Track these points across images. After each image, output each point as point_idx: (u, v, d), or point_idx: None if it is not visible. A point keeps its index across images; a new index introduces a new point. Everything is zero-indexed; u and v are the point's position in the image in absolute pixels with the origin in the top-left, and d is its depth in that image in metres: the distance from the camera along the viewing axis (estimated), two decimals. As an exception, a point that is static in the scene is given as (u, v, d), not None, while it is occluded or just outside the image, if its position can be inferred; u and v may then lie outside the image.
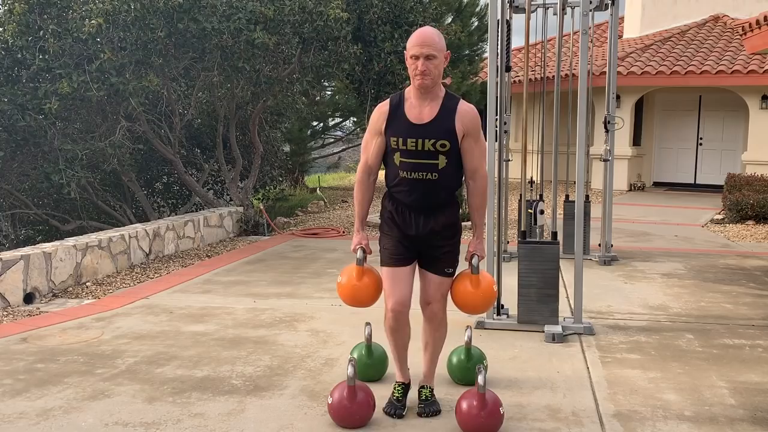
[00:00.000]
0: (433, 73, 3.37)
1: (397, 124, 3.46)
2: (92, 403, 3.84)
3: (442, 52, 3.41)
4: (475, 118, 3.46)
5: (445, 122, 3.41)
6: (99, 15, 7.94)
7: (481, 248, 3.68)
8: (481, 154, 3.52)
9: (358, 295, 3.76)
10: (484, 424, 3.40)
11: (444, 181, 3.47)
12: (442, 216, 3.55)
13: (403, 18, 10.92)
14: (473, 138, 3.47)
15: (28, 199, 10.12)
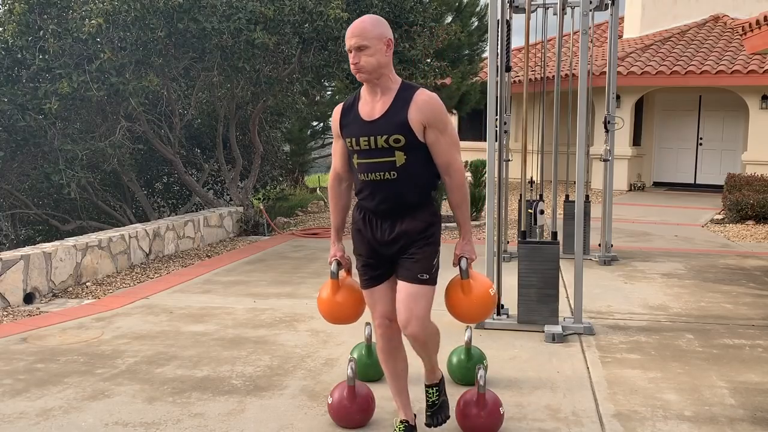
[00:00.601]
0: (368, 65, 3.07)
1: (351, 123, 3.18)
2: (92, 403, 3.84)
3: (377, 40, 3.06)
4: (435, 108, 3.08)
5: (398, 115, 3.07)
6: (99, 15, 7.94)
7: (468, 249, 3.32)
8: (451, 146, 3.14)
9: (334, 311, 3.41)
10: (484, 424, 3.40)
11: (406, 180, 3.12)
12: (411, 219, 3.19)
13: (403, 18, 10.91)
14: (437, 129, 3.10)
15: (28, 199, 10.12)
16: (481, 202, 10.89)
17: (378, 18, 3.14)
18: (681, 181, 17.23)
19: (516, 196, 9.92)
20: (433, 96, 3.11)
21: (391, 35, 3.14)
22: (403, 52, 10.90)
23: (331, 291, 3.40)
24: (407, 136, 3.08)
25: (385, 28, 3.13)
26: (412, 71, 11.25)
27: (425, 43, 11.28)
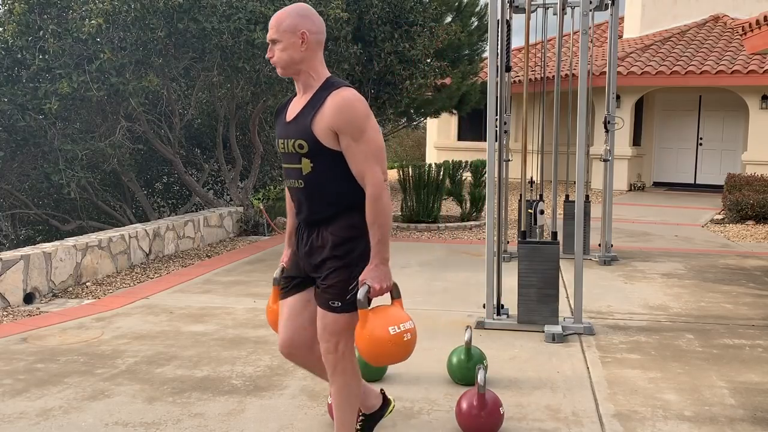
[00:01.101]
0: (280, 60, 2.77)
1: (278, 123, 2.94)
2: (92, 403, 3.84)
3: (289, 33, 2.74)
4: (346, 111, 2.68)
5: (305, 118, 2.75)
6: (99, 15, 7.94)
7: (372, 276, 2.73)
8: (366, 156, 2.70)
9: (272, 319, 3.17)
10: (484, 424, 3.40)
11: (312, 190, 2.79)
12: (324, 233, 2.81)
13: (403, 18, 10.92)
14: (350, 136, 2.69)
15: (28, 199, 10.13)
16: (481, 202, 10.90)
17: (299, 8, 2.79)
18: (681, 181, 17.24)
19: (516, 196, 9.93)
20: (348, 98, 2.70)
21: (311, 27, 2.77)
22: (403, 52, 10.91)
23: (271, 298, 3.16)
24: (309, 142, 2.74)
25: (302, 20, 2.76)
26: (412, 71, 11.26)
27: (425, 43, 11.29)
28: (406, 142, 28.41)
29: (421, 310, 5.84)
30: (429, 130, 21.88)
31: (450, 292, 6.46)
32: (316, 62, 2.80)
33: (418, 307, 5.92)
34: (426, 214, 10.73)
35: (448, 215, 11.61)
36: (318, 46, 2.80)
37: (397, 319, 2.74)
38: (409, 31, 10.98)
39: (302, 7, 2.81)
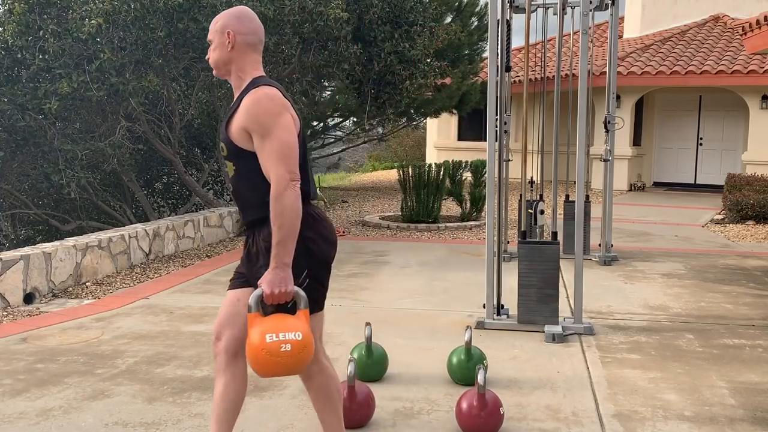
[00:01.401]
0: (212, 61, 2.78)
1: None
2: (92, 403, 3.83)
3: (219, 33, 2.74)
4: (252, 110, 2.63)
5: (225, 121, 2.75)
6: (99, 15, 7.94)
7: (268, 280, 2.59)
8: (271, 154, 2.61)
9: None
10: (484, 424, 3.40)
11: (239, 193, 2.76)
12: (258, 238, 2.75)
13: (403, 18, 10.92)
14: (258, 134, 2.63)
15: (28, 199, 10.13)
16: (481, 202, 10.90)
17: (235, 10, 2.77)
18: (681, 181, 17.23)
19: (516, 196, 9.93)
20: (258, 96, 2.64)
21: (239, 28, 2.73)
22: (403, 52, 10.91)
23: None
24: (228, 144, 2.71)
25: (231, 20, 2.73)
26: (412, 71, 11.26)
27: (425, 43, 11.29)
28: (406, 142, 28.41)
29: (421, 310, 5.84)
30: (429, 130, 21.88)
31: (450, 292, 6.46)
32: (246, 64, 2.76)
33: (418, 307, 5.92)
34: (426, 214, 10.73)
35: (448, 215, 11.61)
36: (248, 47, 2.75)
37: (279, 328, 2.54)
38: (409, 31, 10.98)
39: (239, 9, 2.78)
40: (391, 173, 21.72)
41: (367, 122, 16.07)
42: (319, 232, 2.76)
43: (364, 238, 9.68)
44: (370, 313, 5.75)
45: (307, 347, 2.56)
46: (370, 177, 22.29)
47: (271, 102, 2.64)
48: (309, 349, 2.56)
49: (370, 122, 16.50)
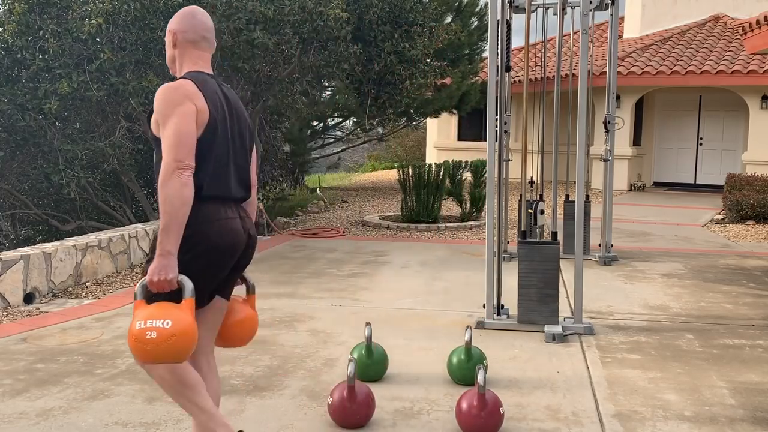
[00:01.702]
0: (167, 60, 2.95)
1: None
2: (92, 403, 3.83)
3: (168, 32, 2.90)
4: (156, 98, 2.72)
5: (150, 111, 2.87)
6: (99, 15, 7.94)
7: (152, 267, 2.60)
8: (164, 142, 2.65)
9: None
10: (484, 424, 3.40)
11: (155, 180, 2.78)
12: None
13: (403, 18, 10.91)
14: (160, 123, 2.71)
15: (28, 199, 10.12)
16: (481, 202, 10.90)
17: (183, 9, 2.92)
18: (681, 181, 17.23)
19: (516, 196, 9.93)
20: (164, 87, 2.73)
21: (179, 26, 2.87)
22: (403, 52, 10.90)
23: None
24: (150, 134, 2.83)
25: (173, 19, 2.88)
26: (412, 71, 11.25)
27: (425, 43, 11.28)
28: (406, 142, 28.41)
29: (420, 310, 5.84)
30: (429, 130, 21.88)
31: (450, 292, 6.46)
32: (185, 60, 2.88)
33: (418, 307, 5.92)
34: (426, 214, 10.73)
35: (448, 215, 11.61)
36: (188, 44, 2.87)
37: (152, 316, 2.55)
38: (409, 31, 10.97)
39: (184, 8, 2.92)
40: (391, 173, 21.71)
41: (367, 122, 16.06)
42: (205, 234, 2.72)
43: (364, 238, 9.68)
44: (370, 313, 5.75)
45: (176, 336, 2.52)
46: (370, 177, 22.29)
47: (175, 92, 2.71)
48: (179, 339, 2.53)
49: (370, 122, 16.50)
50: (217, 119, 2.77)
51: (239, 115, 2.92)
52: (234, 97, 2.94)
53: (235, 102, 2.93)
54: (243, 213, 2.91)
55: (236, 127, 2.88)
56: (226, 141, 2.81)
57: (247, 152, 2.95)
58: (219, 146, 2.79)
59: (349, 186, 18.87)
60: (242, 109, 2.97)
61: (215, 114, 2.77)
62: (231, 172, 2.84)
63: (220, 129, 2.78)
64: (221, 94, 2.86)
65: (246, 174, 2.93)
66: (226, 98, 2.87)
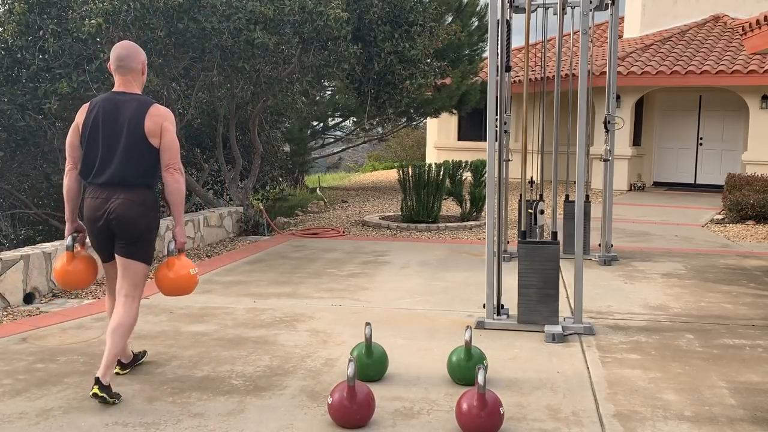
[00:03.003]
0: None
1: None
2: (92, 403, 3.83)
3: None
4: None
5: None
6: (99, 15, 7.93)
7: (181, 236, 4.14)
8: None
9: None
10: (484, 424, 3.40)
11: None
12: None
13: (403, 18, 10.91)
14: None
15: (28, 199, 10.12)
16: (481, 202, 10.90)
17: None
18: (681, 181, 17.23)
19: (516, 196, 9.93)
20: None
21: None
22: (403, 52, 10.91)
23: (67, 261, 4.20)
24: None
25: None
26: (412, 71, 11.26)
27: (425, 43, 11.29)
28: (406, 142, 28.42)
29: (421, 310, 5.84)
30: (429, 130, 21.88)
31: (450, 292, 6.45)
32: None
33: (418, 307, 5.92)
34: (426, 214, 10.73)
35: (448, 215, 11.61)
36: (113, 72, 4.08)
37: (191, 263, 4.10)
38: (409, 31, 10.97)
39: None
40: (391, 173, 21.72)
41: (367, 122, 16.07)
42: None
43: (364, 238, 9.68)
44: (370, 313, 5.75)
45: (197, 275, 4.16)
46: (370, 177, 22.29)
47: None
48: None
49: (370, 122, 16.51)
50: (83, 120, 4.02)
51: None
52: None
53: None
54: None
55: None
56: (90, 133, 4.04)
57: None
58: (86, 139, 4.02)
59: (349, 186, 18.88)
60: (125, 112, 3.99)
61: (85, 117, 4.01)
62: (89, 158, 4.07)
63: (86, 126, 4.00)
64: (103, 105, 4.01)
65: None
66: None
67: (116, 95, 3.96)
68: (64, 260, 4.15)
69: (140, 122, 3.90)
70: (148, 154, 3.94)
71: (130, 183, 3.93)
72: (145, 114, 3.92)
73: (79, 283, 4.21)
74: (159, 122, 3.94)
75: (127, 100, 3.95)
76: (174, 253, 4.03)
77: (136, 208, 3.93)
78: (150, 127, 3.91)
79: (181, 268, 3.99)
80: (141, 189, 3.97)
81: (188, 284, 4.01)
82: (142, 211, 3.95)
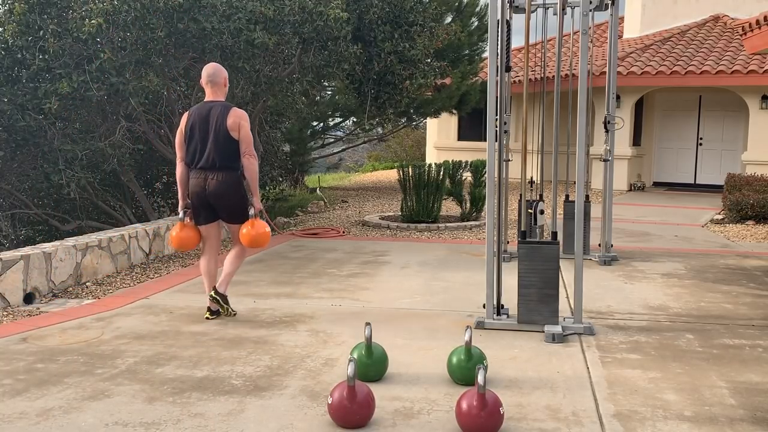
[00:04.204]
0: None
1: None
2: (92, 403, 3.84)
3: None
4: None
5: None
6: (99, 15, 7.93)
7: (258, 203, 5.56)
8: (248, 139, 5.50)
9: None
10: (484, 424, 3.40)
11: None
12: None
13: (403, 18, 10.91)
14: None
15: (28, 199, 10.12)
16: (481, 202, 10.90)
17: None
18: (681, 181, 17.24)
19: (516, 196, 9.93)
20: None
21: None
22: (403, 52, 10.91)
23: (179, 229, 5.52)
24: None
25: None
26: (412, 71, 11.26)
27: (425, 43, 11.29)
28: (406, 142, 28.42)
29: (420, 310, 5.84)
30: (429, 130, 21.88)
31: (450, 292, 6.46)
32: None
33: (418, 307, 5.92)
34: (426, 214, 10.73)
35: (448, 215, 11.61)
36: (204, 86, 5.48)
37: (265, 224, 5.57)
38: (409, 31, 10.97)
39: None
40: (391, 173, 21.72)
41: (367, 122, 16.07)
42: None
43: (364, 238, 9.68)
44: (370, 313, 5.75)
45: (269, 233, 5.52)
46: (370, 177, 22.29)
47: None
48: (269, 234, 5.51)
49: (370, 122, 16.50)
50: (189, 122, 5.37)
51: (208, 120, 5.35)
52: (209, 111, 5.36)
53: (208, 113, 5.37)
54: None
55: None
56: (195, 132, 5.41)
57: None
58: (191, 137, 5.45)
59: (349, 186, 18.88)
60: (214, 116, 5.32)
61: (189, 118, 5.34)
62: (192, 151, 5.50)
63: (189, 127, 5.38)
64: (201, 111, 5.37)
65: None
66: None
67: (206, 103, 5.34)
68: (178, 229, 5.46)
69: (223, 121, 5.21)
70: (231, 144, 5.24)
71: (219, 166, 5.27)
72: (227, 115, 5.22)
73: (189, 245, 5.51)
74: (237, 121, 5.22)
75: (214, 105, 5.30)
76: (253, 216, 5.34)
77: (224, 185, 5.29)
78: (231, 124, 5.21)
79: (260, 227, 5.37)
80: (227, 170, 5.28)
81: (264, 239, 5.40)
82: (228, 186, 5.30)
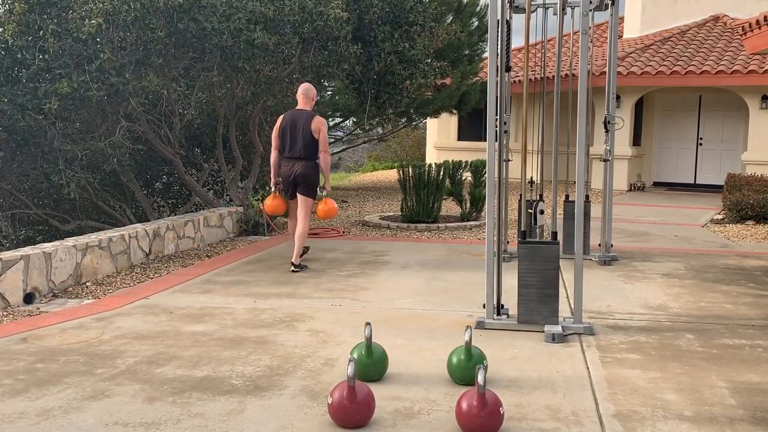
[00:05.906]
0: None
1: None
2: (92, 403, 3.84)
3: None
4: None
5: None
6: (99, 15, 7.93)
7: (327, 187, 7.79)
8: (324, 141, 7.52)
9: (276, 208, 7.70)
10: (484, 424, 3.40)
11: None
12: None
13: (403, 18, 10.91)
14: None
15: (28, 199, 10.12)
16: (481, 202, 10.90)
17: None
18: (681, 181, 17.24)
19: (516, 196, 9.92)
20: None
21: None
22: (403, 52, 10.90)
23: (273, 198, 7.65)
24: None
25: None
26: (412, 71, 11.25)
27: (425, 43, 11.28)
28: (406, 142, 28.42)
29: (420, 310, 5.84)
30: (429, 130, 21.88)
31: (450, 292, 6.46)
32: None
33: (418, 307, 5.92)
34: (426, 214, 10.73)
35: (448, 215, 11.61)
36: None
37: (333, 201, 7.73)
38: (409, 31, 10.97)
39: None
40: (391, 173, 21.72)
41: (367, 122, 16.07)
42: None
43: (364, 238, 9.68)
44: (370, 313, 5.75)
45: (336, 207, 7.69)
46: (370, 177, 22.29)
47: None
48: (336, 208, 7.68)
49: (370, 122, 16.50)
50: (283, 123, 7.48)
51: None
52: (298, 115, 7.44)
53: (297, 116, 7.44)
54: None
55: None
56: (286, 132, 7.47)
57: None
58: (283, 134, 7.53)
59: (349, 186, 18.88)
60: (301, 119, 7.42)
61: (283, 120, 7.47)
62: (285, 146, 7.52)
63: (283, 127, 7.47)
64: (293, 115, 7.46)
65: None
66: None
67: (297, 110, 7.49)
68: (271, 199, 7.60)
69: (308, 124, 7.31)
70: (312, 142, 7.31)
71: (303, 157, 7.33)
72: (311, 121, 7.31)
73: (278, 211, 7.67)
74: (318, 126, 7.31)
75: (303, 112, 7.45)
76: (324, 195, 7.53)
77: (306, 170, 7.35)
78: (314, 128, 7.31)
79: (330, 203, 7.57)
80: (309, 160, 7.34)
81: (334, 212, 7.58)
82: (310, 172, 7.37)
